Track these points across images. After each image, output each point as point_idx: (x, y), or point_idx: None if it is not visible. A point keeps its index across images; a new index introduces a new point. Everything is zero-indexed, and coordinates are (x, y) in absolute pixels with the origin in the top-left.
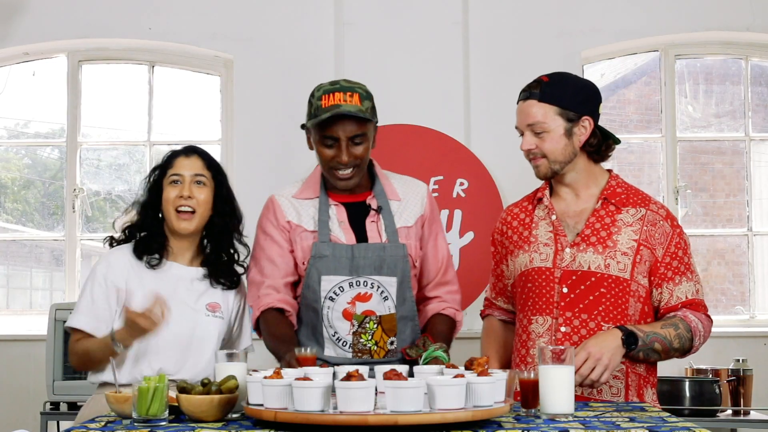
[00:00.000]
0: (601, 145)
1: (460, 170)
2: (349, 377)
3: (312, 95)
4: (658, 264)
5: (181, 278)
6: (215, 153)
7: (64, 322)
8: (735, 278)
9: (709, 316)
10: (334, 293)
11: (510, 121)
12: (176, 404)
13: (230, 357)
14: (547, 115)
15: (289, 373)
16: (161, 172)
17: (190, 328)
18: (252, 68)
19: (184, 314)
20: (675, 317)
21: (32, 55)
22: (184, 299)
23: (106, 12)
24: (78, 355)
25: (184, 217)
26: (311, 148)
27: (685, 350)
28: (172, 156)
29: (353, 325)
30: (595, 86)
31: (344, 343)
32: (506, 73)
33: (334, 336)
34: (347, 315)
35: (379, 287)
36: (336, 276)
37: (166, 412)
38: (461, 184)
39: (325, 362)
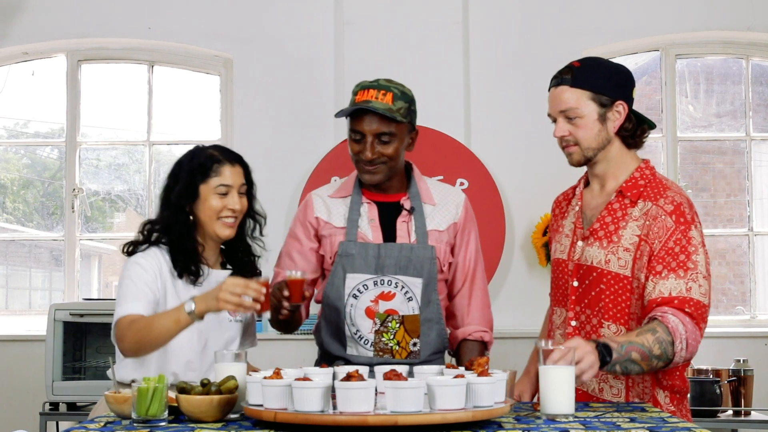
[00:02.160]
0: (636, 129)
1: (460, 170)
2: (348, 377)
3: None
4: (652, 258)
5: (210, 282)
6: None
7: (65, 322)
8: (736, 278)
9: (697, 324)
10: (358, 291)
11: (510, 120)
12: (176, 404)
13: (230, 357)
14: (579, 100)
15: (289, 374)
16: (202, 177)
17: (215, 332)
18: (252, 68)
19: (211, 319)
20: (653, 321)
21: (31, 54)
22: None
23: (106, 12)
24: (138, 333)
25: (229, 225)
26: None
27: (668, 357)
28: (217, 162)
29: (375, 324)
30: (628, 70)
31: (366, 342)
32: (506, 72)
33: (356, 334)
34: (370, 313)
35: (403, 287)
36: (361, 274)
37: (166, 412)
38: (461, 184)
39: (347, 361)
